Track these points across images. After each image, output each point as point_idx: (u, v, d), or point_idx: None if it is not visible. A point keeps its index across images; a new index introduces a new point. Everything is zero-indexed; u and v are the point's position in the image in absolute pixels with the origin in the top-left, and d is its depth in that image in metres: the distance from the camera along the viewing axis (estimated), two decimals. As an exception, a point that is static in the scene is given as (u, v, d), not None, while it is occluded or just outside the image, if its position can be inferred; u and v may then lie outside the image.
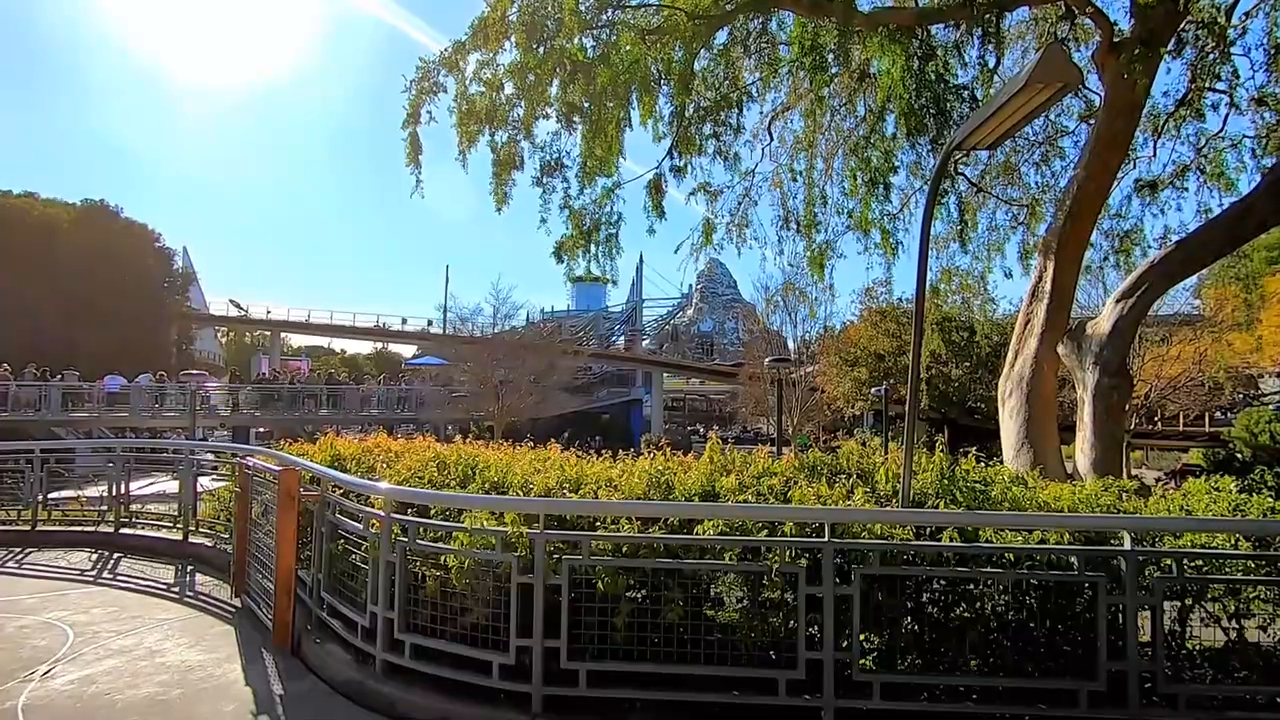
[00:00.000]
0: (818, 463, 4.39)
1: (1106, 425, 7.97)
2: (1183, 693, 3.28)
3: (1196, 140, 10.00)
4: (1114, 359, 7.97)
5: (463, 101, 9.84)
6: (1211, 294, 21.87)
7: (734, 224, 11.66)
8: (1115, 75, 8.05)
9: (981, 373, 25.63)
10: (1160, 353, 21.58)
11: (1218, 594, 3.43)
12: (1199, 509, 3.72)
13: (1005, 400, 8.79)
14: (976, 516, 3.60)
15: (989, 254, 11.68)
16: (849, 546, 3.46)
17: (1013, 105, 3.30)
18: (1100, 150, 8.45)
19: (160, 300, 42.01)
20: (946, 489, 3.89)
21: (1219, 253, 9.13)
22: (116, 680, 4.05)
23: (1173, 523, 3.63)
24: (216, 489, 7.95)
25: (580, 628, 3.53)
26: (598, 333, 67.84)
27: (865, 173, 10.39)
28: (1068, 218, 8.60)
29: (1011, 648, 3.39)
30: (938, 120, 9.25)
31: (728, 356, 61.12)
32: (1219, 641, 3.44)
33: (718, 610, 3.60)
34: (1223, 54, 8.94)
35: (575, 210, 10.29)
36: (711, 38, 9.84)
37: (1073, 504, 3.80)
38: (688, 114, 10.36)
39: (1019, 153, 11.29)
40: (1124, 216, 10.84)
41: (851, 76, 10.31)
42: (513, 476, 4.39)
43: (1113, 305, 8.26)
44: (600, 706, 3.49)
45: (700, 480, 4.02)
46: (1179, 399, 23.46)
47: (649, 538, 3.61)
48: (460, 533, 3.82)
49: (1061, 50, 3.53)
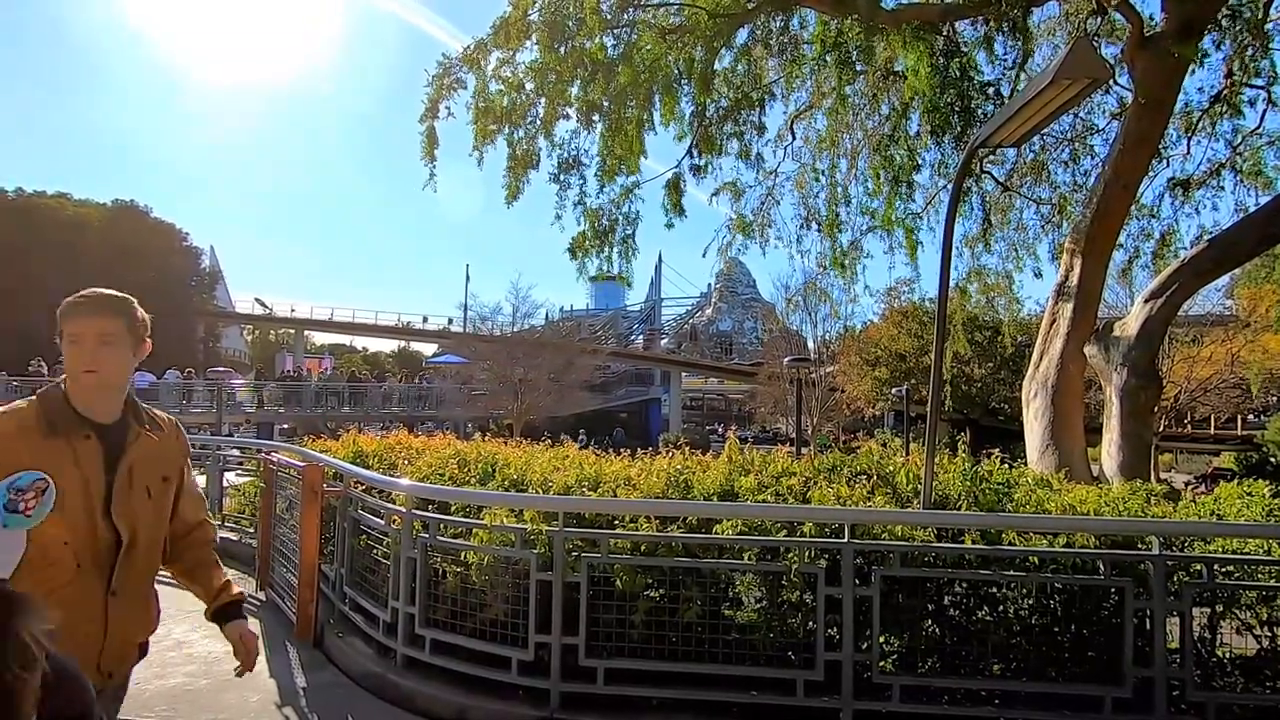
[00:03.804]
0: (837, 463, 4.36)
1: (1134, 427, 7.81)
2: (1212, 701, 3.21)
3: (1232, 137, 9.76)
4: (1142, 360, 7.81)
5: (480, 99, 9.88)
6: (1245, 294, 21.35)
7: (758, 223, 11.61)
8: (1145, 70, 7.88)
9: (1005, 373, 25.28)
10: (1191, 354, 21.14)
11: (1250, 601, 3.35)
12: (1231, 514, 3.64)
13: (1030, 401, 8.65)
14: (999, 518, 3.55)
15: (1017, 254, 11.50)
16: (869, 547, 3.43)
17: (1039, 101, 3.24)
18: (1129, 147, 8.27)
19: (187, 298, 42.88)
20: (969, 491, 3.84)
21: (1252, 252, 8.90)
22: (145, 670, 4.12)
23: (1203, 527, 3.55)
24: (242, 484, 8.08)
25: (598, 625, 3.54)
26: (616, 331, 67.94)
27: (889, 171, 10.27)
28: (1095, 216, 8.44)
29: (1035, 652, 3.34)
30: (963, 118, 9.11)
31: (746, 356, 60.90)
32: (1250, 649, 3.35)
33: (736, 610, 3.59)
34: (1261, 48, 8.72)
35: (591, 209, 10.29)
36: (733, 36, 9.79)
37: (1099, 507, 3.73)
38: (708, 113, 10.32)
39: (1048, 150, 11.10)
40: (1156, 216, 10.62)
41: (875, 74, 10.20)
42: (532, 474, 4.41)
43: (1141, 305, 8.09)
44: (617, 704, 3.49)
45: (719, 480, 4.00)
46: (1210, 401, 22.96)
47: (667, 536, 3.61)
48: (480, 529, 3.85)
49: (1090, 44, 3.47)
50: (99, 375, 1.68)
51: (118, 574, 1.68)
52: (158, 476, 1.80)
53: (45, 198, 40.01)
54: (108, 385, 1.71)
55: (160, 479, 1.80)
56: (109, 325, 1.68)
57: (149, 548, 1.77)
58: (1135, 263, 11.24)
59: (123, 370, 1.73)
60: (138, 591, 1.75)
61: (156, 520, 1.79)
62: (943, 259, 4.04)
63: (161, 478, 1.81)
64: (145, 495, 1.75)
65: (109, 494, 1.67)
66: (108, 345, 1.67)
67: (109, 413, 1.73)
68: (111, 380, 1.72)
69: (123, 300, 1.75)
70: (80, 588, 1.63)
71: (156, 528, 1.80)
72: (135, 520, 1.72)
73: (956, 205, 4.42)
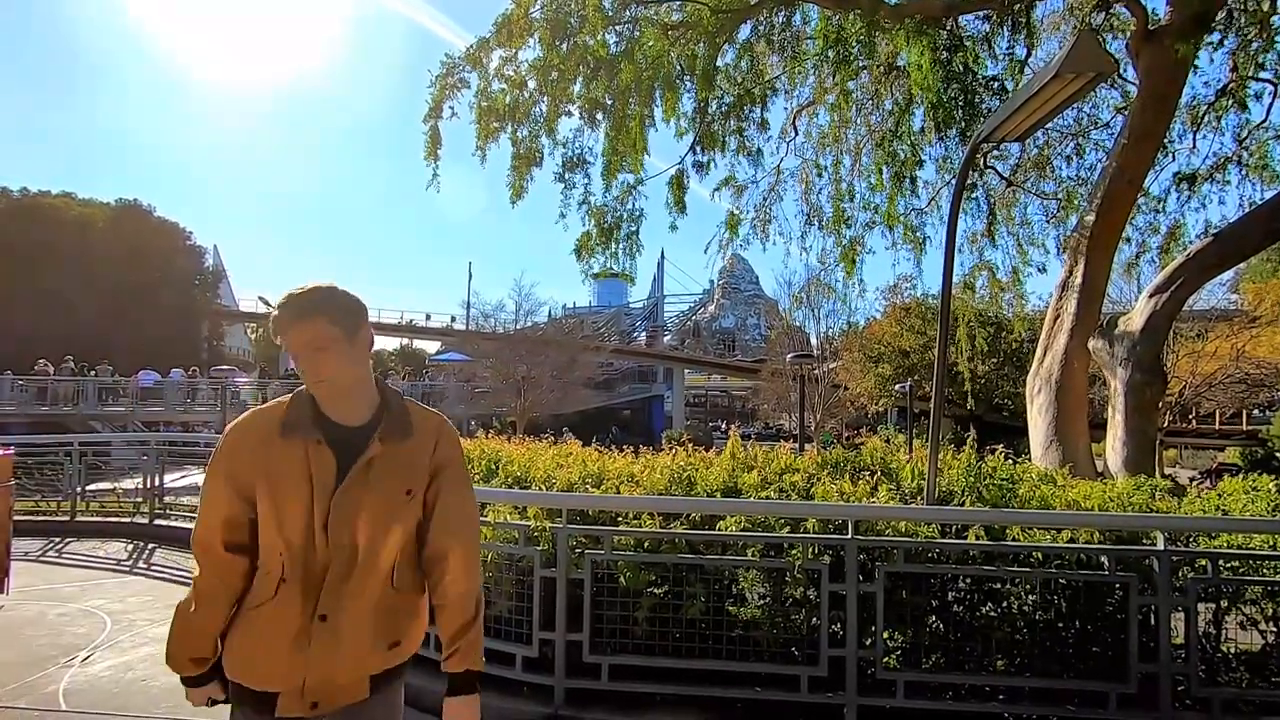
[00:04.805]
0: (841, 459, 4.36)
1: (1139, 423, 7.79)
2: (1217, 696, 3.20)
3: (1238, 131, 9.71)
4: (1147, 355, 7.78)
5: (483, 98, 9.88)
6: (1250, 289, 21.26)
7: (759, 220, 11.60)
8: (1150, 64, 7.84)
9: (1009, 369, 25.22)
10: (1196, 349, 21.03)
11: (1255, 596, 3.34)
12: (1236, 509, 3.62)
13: (1034, 397, 8.63)
14: (1003, 514, 3.54)
15: (1022, 249, 11.47)
16: (872, 544, 3.43)
17: (1043, 95, 3.22)
18: (1134, 142, 8.24)
19: (191, 297, 43.00)
20: (973, 486, 3.84)
21: (1257, 246, 8.85)
22: (153, 667, 4.16)
23: (1208, 523, 3.54)
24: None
25: (602, 622, 3.55)
26: (619, 329, 67.92)
27: (892, 167, 10.25)
28: (1100, 211, 8.40)
29: (1039, 648, 3.33)
30: (966, 113, 9.09)
31: (749, 352, 60.87)
32: (1256, 645, 3.34)
33: (740, 606, 3.59)
34: (1267, 41, 8.66)
35: (596, 208, 10.29)
36: (735, 32, 9.77)
37: (1103, 502, 3.72)
38: (711, 110, 10.30)
39: (1052, 145, 11.06)
40: (1162, 210, 10.58)
41: (878, 70, 10.17)
42: (535, 471, 4.41)
43: (1146, 300, 8.06)
44: (622, 700, 3.50)
45: (722, 476, 4.00)
46: (1215, 396, 22.84)
47: (671, 533, 3.61)
48: (484, 526, 3.85)
49: (1094, 38, 3.44)
50: (326, 384, 1.56)
51: (325, 597, 1.51)
52: (400, 489, 1.58)
53: (50, 197, 40.10)
54: (341, 391, 1.58)
55: (402, 492, 1.58)
56: (315, 331, 1.53)
57: (373, 571, 1.55)
58: (1141, 258, 11.21)
59: (346, 371, 1.56)
60: (359, 620, 1.54)
61: (387, 539, 1.56)
62: (946, 255, 4.03)
63: (404, 490, 1.58)
64: (379, 509, 1.55)
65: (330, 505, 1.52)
66: (322, 351, 1.53)
67: (354, 415, 1.59)
68: (341, 383, 1.57)
69: (320, 298, 1.56)
70: (282, 606, 1.51)
71: (387, 548, 1.57)
72: (356, 537, 1.53)
73: (960, 200, 4.40)
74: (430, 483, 1.63)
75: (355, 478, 1.53)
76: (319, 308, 1.54)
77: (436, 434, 1.66)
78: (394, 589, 1.60)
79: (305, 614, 1.51)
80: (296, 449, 1.53)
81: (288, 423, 1.56)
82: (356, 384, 1.60)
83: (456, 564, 1.63)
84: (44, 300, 33.79)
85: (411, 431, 1.62)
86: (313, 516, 1.51)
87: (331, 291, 1.58)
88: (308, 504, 1.51)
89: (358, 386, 1.60)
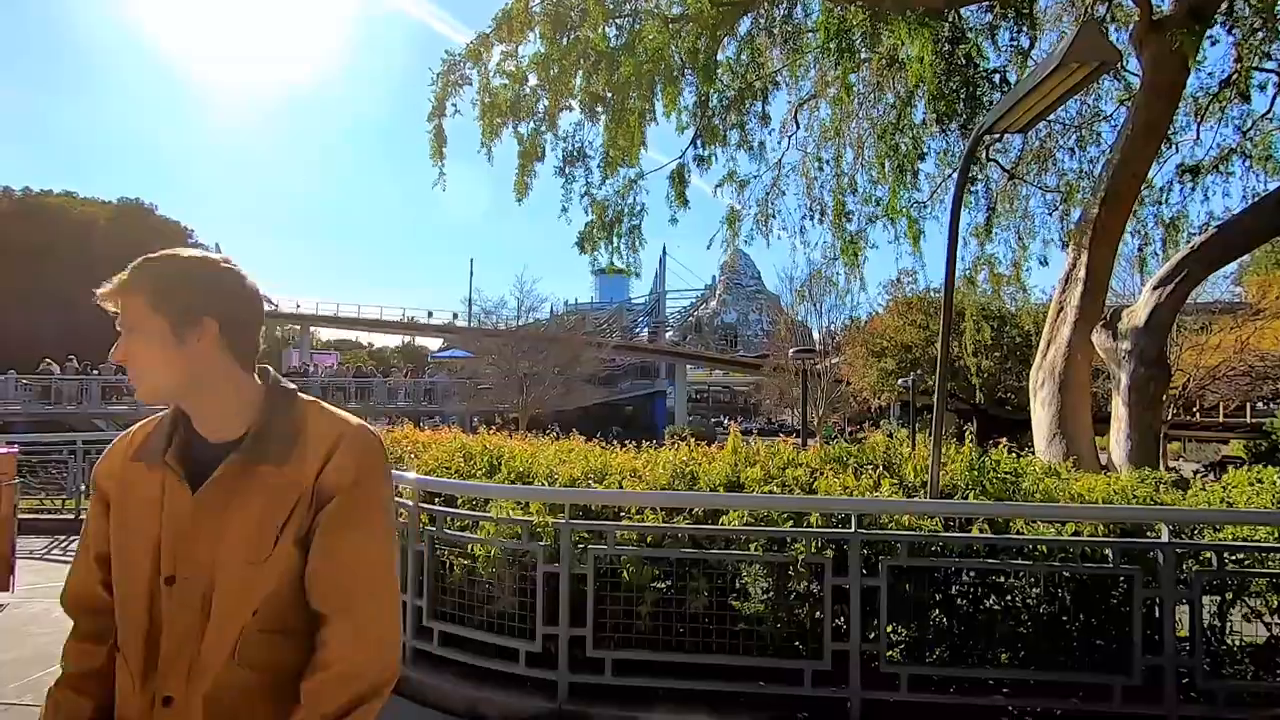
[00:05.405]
0: (844, 454, 4.35)
1: (1143, 416, 7.76)
2: (1221, 689, 3.20)
3: (1242, 122, 9.64)
4: (1151, 348, 7.75)
5: (485, 94, 9.85)
6: (1254, 281, 21.16)
7: (761, 214, 11.56)
8: (1154, 55, 7.78)
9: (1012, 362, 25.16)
10: (1199, 341, 20.96)
11: (1260, 589, 3.34)
12: (1240, 501, 3.61)
13: (1037, 390, 8.60)
14: (1007, 507, 3.54)
15: (1024, 242, 11.42)
16: (876, 538, 3.42)
17: (1046, 86, 3.20)
18: (1138, 134, 8.18)
19: (194, 295, 43.00)
20: (976, 480, 3.83)
21: (1262, 238, 8.82)
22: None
23: (1212, 515, 3.53)
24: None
25: (605, 616, 3.55)
26: (621, 325, 67.84)
27: (894, 159, 10.20)
28: (1103, 203, 8.35)
29: (1043, 640, 3.33)
30: (968, 105, 9.04)
31: (752, 348, 60.81)
32: (1261, 637, 3.34)
33: (743, 601, 3.59)
34: (1271, 31, 8.60)
35: (598, 201, 10.27)
36: (735, 25, 9.72)
37: (1107, 495, 3.71)
38: (712, 104, 10.26)
39: (1055, 137, 11.00)
40: (1165, 202, 10.52)
41: (880, 62, 10.11)
42: (538, 467, 4.41)
43: (1150, 293, 8.01)
44: (625, 695, 3.51)
45: (725, 471, 4.00)
46: (1219, 389, 22.78)
47: (674, 528, 3.61)
48: (487, 522, 3.85)
49: (1097, 28, 3.42)
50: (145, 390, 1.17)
51: (167, 672, 1.11)
52: (263, 525, 1.14)
53: (52, 196, 40.25)
54: (151, 389, 1.16)
55: (268, 528, 1.14)
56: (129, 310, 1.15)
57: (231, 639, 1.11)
58: (1145, 250, 11.15)
59: (163, 373, 1.15)
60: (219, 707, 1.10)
61: (248, 596, 1.12)
62: (949, 248, 4.01)
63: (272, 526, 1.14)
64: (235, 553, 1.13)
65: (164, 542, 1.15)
66: (131, 333, 1.15)
67: (225, 428, 1.19)
68: (163, 389, 1.17)
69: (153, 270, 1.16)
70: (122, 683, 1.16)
71: (247, 608, 1.12)
72: (207, 591, 1.12)
73: (962, 193, 4.39)
74: (298, 515, 1.15)
75: (203, 509, 1.13)
76: (136, 282, 1.14)
77: (331, 447, 1.17)
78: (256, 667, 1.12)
79: (144, 697, 1.13)
80: (154, 475, 1.17)
81: (145, 445, 1.22)
82: (204, 391, 1.17)
83: (334, 634, 1.14)
84: (47, 299, 33.88)
85: (293, 444, 1.17)
86: (158, 563, 1.14)
87: (173, 264, 1.17)
88: (154, 546, 1.14)
89: (211, 394, 1.18)
